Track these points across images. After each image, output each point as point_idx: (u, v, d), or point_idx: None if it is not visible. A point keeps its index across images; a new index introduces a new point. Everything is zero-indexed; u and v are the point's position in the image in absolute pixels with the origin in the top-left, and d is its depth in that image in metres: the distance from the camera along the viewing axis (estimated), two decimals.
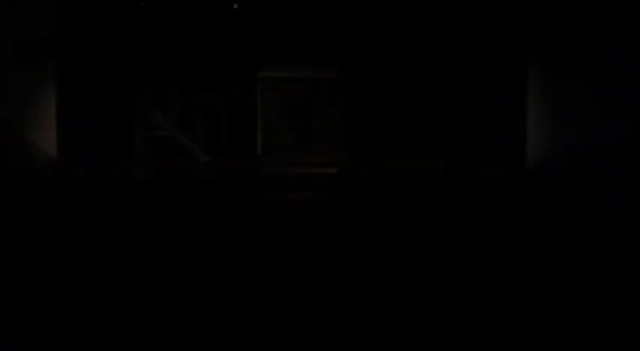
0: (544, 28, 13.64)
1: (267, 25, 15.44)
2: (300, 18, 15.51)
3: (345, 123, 16.42)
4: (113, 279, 4.10)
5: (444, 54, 16.58)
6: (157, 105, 16.36)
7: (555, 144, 13.24)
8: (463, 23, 15.68)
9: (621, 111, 13.07)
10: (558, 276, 3.77)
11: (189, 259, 4.48)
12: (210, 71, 16.69)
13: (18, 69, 13.18)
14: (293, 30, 16.06)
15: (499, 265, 4.03)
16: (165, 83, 16.49)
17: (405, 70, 17.02)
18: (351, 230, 6.94)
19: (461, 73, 16.38)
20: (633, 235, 4.34)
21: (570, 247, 4.01)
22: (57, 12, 13.33)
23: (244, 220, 5.77)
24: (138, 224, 4.95)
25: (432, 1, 15.53)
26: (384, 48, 16.67)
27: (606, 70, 12.99)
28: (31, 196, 6.65)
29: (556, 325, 3.69)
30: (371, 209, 6.19)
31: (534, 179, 7.48)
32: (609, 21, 12.97)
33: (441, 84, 17.01)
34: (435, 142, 17.16)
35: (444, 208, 5.35)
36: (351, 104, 16.67)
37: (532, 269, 3.86)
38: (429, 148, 17.13)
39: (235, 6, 14.88)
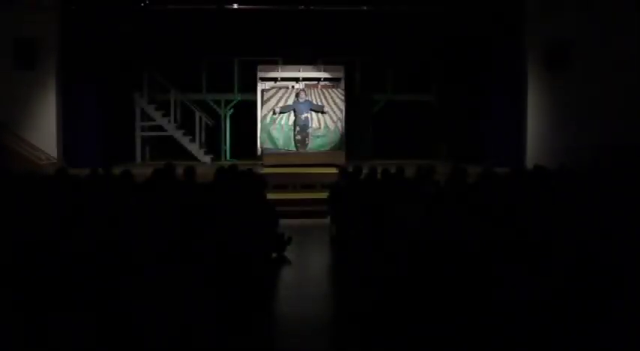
0: (544, 29, 13.67)
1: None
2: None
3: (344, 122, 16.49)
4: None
5: (443, 53, 16.64)
6: (157, 105, 16.43)
7: (554, 144, 13.27)
8: (463, 24, 15.70)
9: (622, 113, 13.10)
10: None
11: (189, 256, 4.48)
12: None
13: (18, 69, 13.24)
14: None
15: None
16: (166, 83, 16.57)
17: (405, 73, 17.10)
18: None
19: (461, 74, 16.43)
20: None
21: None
22: (59, 12, 13.41)
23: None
24: (136, 223, 4.96)
25: (434, 5, 15.57)
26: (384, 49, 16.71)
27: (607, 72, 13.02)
28: (32, 196, 6.67)
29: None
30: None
31: (532, 178, 7.47)
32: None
33: (442, 84, 17.09)
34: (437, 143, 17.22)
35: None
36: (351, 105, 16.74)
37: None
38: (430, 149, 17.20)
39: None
